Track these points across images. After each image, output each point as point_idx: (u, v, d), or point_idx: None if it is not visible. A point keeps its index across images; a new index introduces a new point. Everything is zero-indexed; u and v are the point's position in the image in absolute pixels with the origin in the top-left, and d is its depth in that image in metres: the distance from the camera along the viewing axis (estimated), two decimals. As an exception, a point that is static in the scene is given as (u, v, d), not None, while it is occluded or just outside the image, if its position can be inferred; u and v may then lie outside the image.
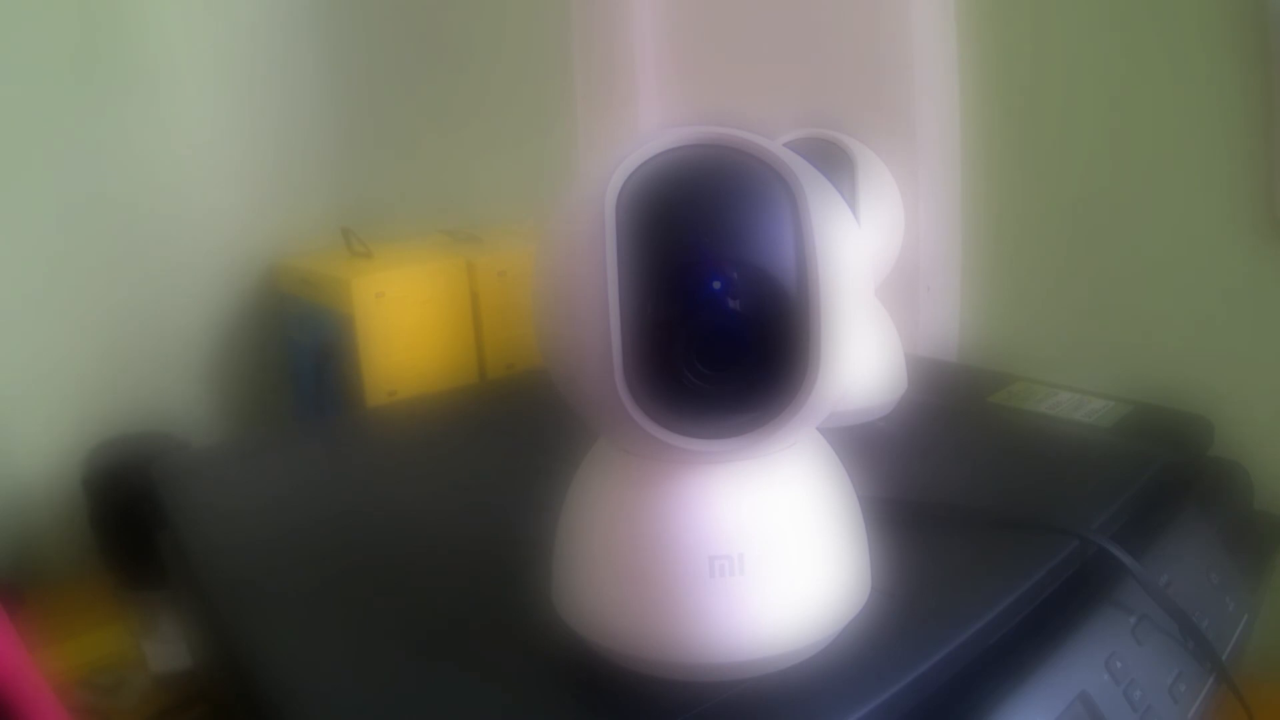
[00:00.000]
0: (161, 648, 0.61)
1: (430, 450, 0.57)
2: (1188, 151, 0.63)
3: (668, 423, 0.29)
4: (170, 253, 0.81)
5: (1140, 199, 0.66)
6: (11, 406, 0.74)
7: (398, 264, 0.76)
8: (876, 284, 0.56)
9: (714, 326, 0.28)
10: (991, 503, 0.44)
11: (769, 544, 0.31)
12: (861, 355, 0.30)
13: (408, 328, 0.74)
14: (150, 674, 0.61)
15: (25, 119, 0.73)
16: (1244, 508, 0.52)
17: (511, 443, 0.56)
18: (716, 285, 0.27)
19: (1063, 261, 0.71)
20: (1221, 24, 0.60)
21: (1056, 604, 0.39)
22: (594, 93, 0.95)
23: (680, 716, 0.31)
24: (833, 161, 0.53)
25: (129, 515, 0.59)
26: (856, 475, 0.35)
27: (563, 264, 0.29)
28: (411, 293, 0.74)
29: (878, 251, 0.55)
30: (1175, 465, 0.50)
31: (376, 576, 0.41)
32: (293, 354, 0.85)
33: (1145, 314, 0.67)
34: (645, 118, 0.91)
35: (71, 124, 0.75)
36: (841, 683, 0.32)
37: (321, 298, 0.76)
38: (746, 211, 0.28)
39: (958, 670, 0.34)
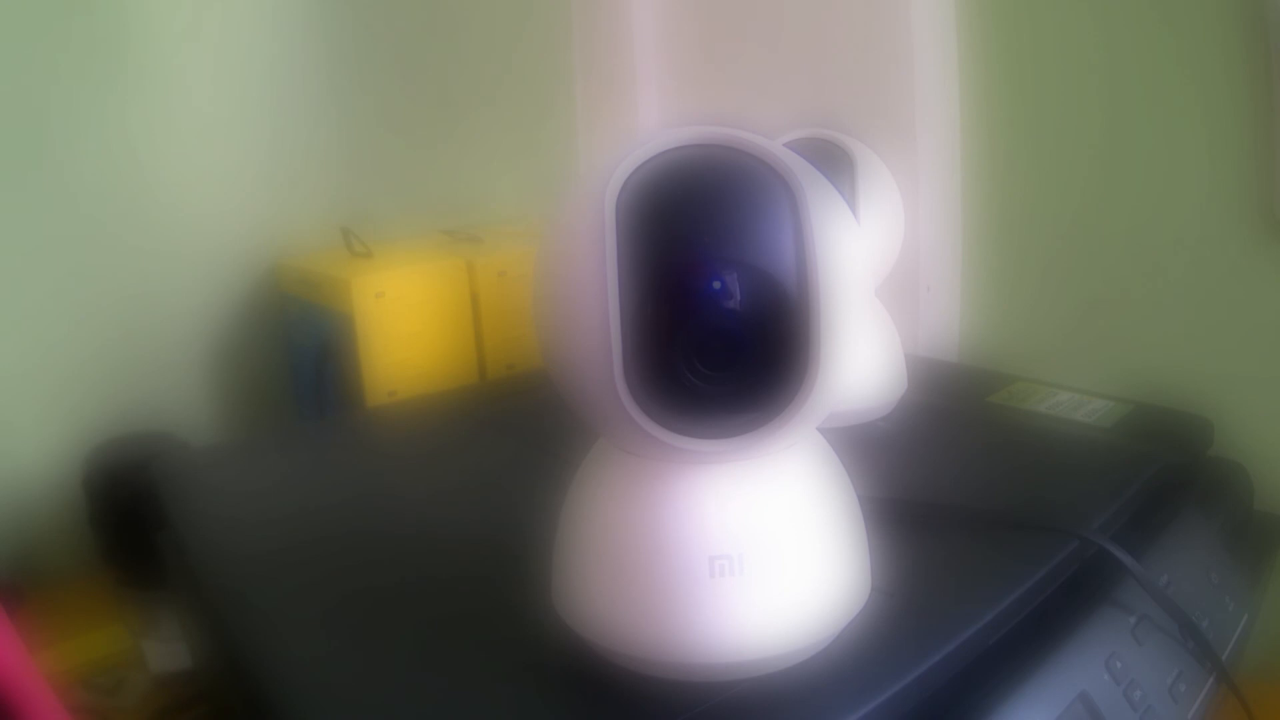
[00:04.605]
0: (161, 648, 0.61)
1: (430, 450, 0.57)
2: (1188, 151, 0.63)
3: (667, 423, 0.29)
4: (170, 252, 0.81)
5: (1140, 198, 0.66)
6: (12, 406, 0.74)
7: (398, 264, 0.76)
8: (876, 284, 0.56)
9: (714, 326, 0.28)
10: (991, 503, 0.44)
11: (769, 544, 0.31)
12: (861, 355, 0.30)
13: (408, 328, 0.74)
14: (150, 674, 0.61)
15: (25, 118, 0.73)
16: (1244, 508, 0.52)
17: (511, 443, 0.56)
18: (716, 285, 0.27)
19: (1063, 261, 0.71)
20: (1221, 24, 0.60)
21: (1056, 604, 0.39)
22: (594, 93, 0.95)
23: (680, 716, 0.31)
24: (833, 161, 0.53)
25: (129, 515, 0.59)
26: (856, 475, 0.35)
27: (563, 264, 0.29)
28: (411, 293, 0.74)
29: (878, 251, 0.55)
30: (1175, 465, 0.50)
31: (376, 576, 0.41)
32: (293, 354, 0.85)
33: (1145, 314, 0.67)
34: (645, 118, 0.91)
35: (72, 123, 0.75)
36: (841, 683, 0.32)
37: (321, 298, 0.77)
38: (746, 211, 0.28)
39: (958, 670, 0.34)
